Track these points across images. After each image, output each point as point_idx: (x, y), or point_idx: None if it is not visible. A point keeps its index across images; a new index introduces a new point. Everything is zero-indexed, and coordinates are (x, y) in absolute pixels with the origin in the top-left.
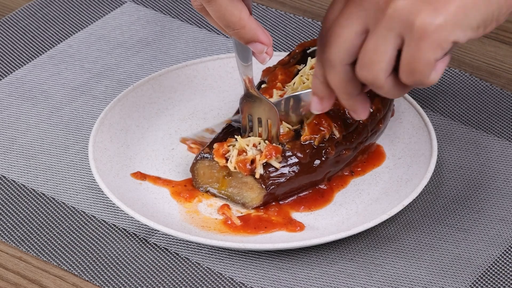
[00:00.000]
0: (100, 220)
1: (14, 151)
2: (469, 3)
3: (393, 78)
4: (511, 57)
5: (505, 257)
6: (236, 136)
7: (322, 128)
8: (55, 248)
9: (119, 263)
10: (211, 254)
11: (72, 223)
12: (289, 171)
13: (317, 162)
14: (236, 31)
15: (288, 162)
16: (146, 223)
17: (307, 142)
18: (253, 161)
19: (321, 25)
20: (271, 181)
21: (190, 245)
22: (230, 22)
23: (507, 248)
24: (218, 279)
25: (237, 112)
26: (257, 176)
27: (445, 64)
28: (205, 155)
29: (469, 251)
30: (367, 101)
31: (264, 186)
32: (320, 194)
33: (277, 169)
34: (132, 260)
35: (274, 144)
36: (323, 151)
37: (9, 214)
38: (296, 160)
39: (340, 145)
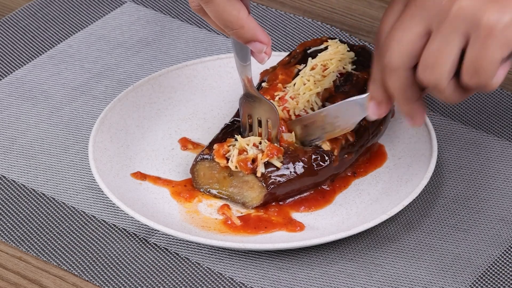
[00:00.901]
0: (100, 220)
1: (14, 151)
2: None
3: (454, 82)
4: None
5: (505, 257)
6: (236, 136)
7: (339, 137)
8: (55, 248)
9: (119, 263)
10: (211, 254)
11: (72, 223)
12: (290, 172)
13: (319, 164)
14: (235, 31)
15: (290, 163)
16: (146, 223)
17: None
18: (254, 160)
19: (378, 28)
20: (272, 180)
21: (190, 245)
22: (229, 22)
23: (507, 248)
24: (218, 279)
25: (237, 113)
26: (259, 174)
27: (506, 71)
28: (205, 156)
29: (469, 251)
30: (424, 107)
31: (265, 185)
32: (321, 194)
33: (278, 169)
34: (132, 260)
35: (275, 145)
36: (326, 156)
37: (9, 214)
38: (298, 162)
39: (343, 149)
